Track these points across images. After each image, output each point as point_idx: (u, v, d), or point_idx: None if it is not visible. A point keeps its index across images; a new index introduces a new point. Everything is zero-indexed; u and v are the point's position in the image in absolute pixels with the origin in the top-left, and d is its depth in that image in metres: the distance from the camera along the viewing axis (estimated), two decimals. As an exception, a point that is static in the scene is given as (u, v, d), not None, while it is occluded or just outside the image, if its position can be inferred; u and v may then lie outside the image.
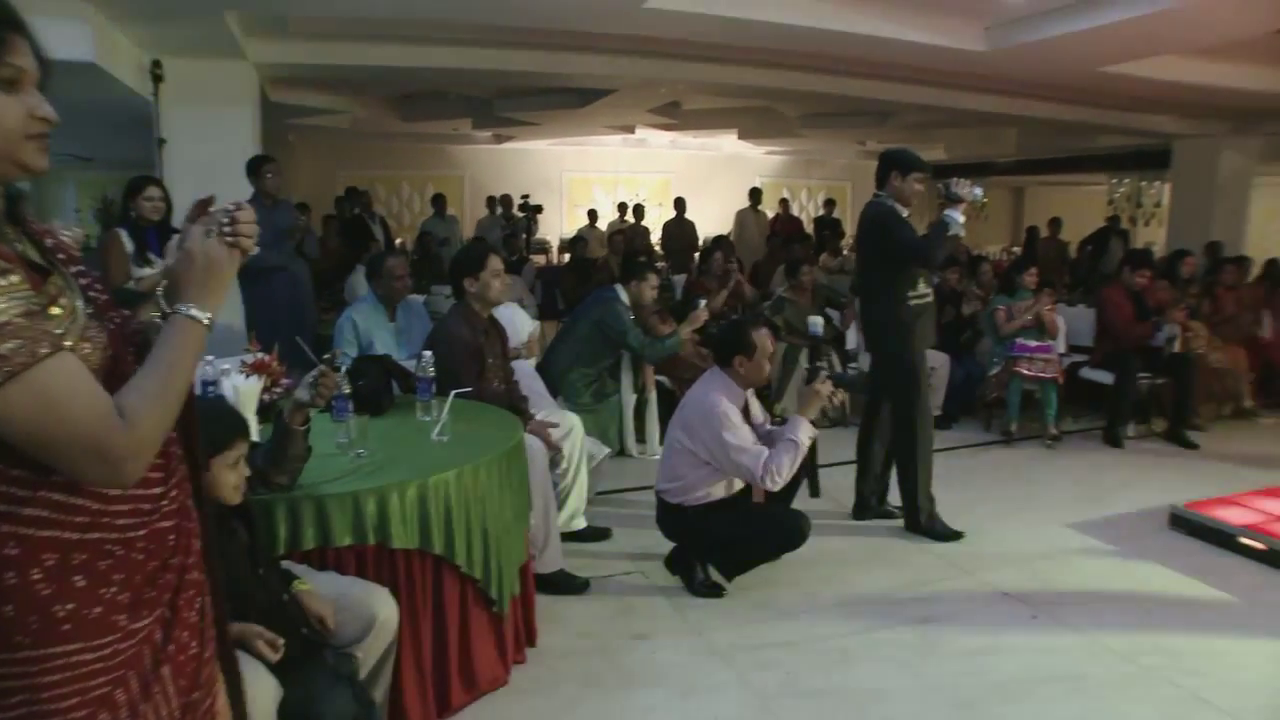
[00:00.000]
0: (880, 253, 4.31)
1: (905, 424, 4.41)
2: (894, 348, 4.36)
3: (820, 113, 12.04)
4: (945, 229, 4.12)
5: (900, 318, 4.28)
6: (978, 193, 4.16)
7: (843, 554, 4.18)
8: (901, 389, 4.39)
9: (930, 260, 4.34)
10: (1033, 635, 3.43)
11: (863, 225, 4.43)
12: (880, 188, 4.34)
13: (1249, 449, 6.25)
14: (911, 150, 4.40)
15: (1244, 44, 6.79)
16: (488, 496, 2.72)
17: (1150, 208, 14.18)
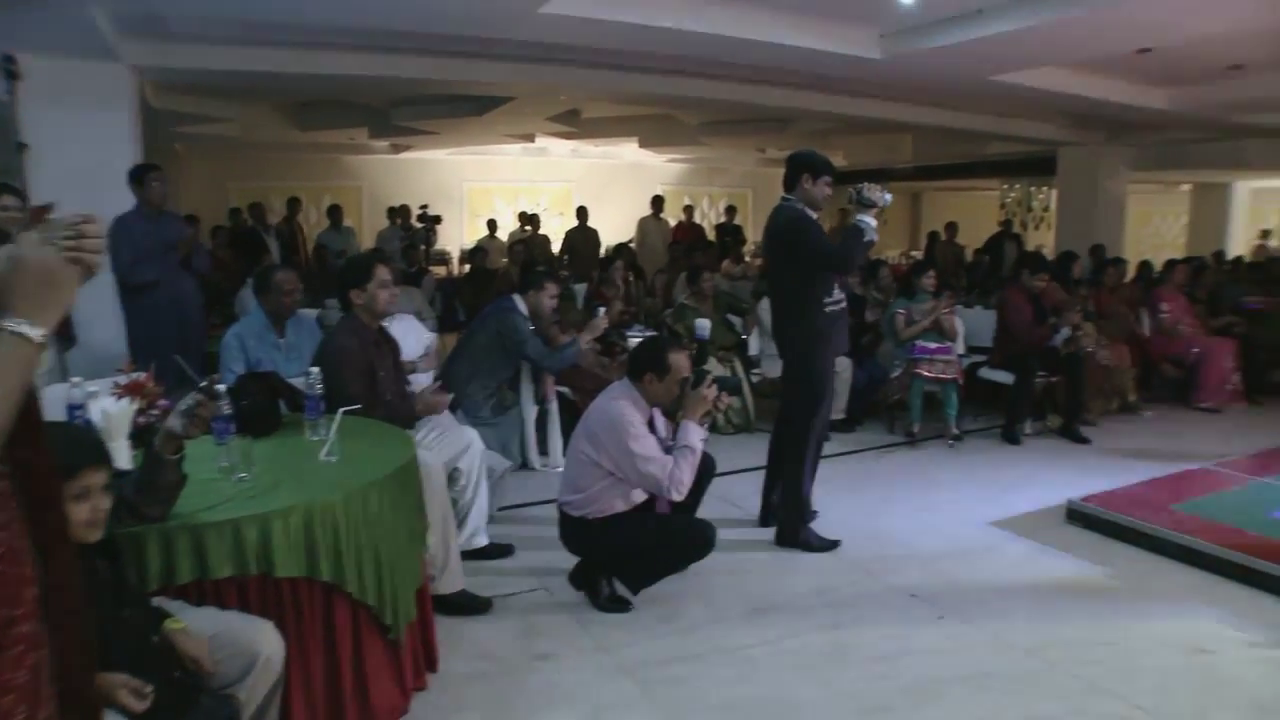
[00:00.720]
0: (793, 258, 4.19)
1: (798, 435, 4.34)
2: (805, 356, 4.27)
3: (720, 120, 12.15)
4: (860, 234, 4.01)
5: (815, 325, 4.20)
6: (888, 198, 4.11)
7: (750, 563, 4.14)
8: (803, 399, 4.31)
9: (848, 267, 4.29)
10: (940, 636, 3.44)
11: (773, 230, 4.31)
12: (789, 191, 4.24)
13: (1136, 442, 6.48)
14: (821, 153, 4.29)
15: (1113, 60, 7.10)
16: (380, 518, 2.58)
17: (1040, 212, 14.72)
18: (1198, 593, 3.90)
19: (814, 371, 4.26)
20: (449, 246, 14.59)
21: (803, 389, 4.31)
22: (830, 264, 4.15)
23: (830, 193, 4.24)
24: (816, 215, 4.24)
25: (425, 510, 3.04)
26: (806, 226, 4.14)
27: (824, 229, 4.33)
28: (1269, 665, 3.27)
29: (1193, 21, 5.69)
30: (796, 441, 4.35)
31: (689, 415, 3.47)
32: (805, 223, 4.15)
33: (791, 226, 4.15)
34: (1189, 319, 8.02)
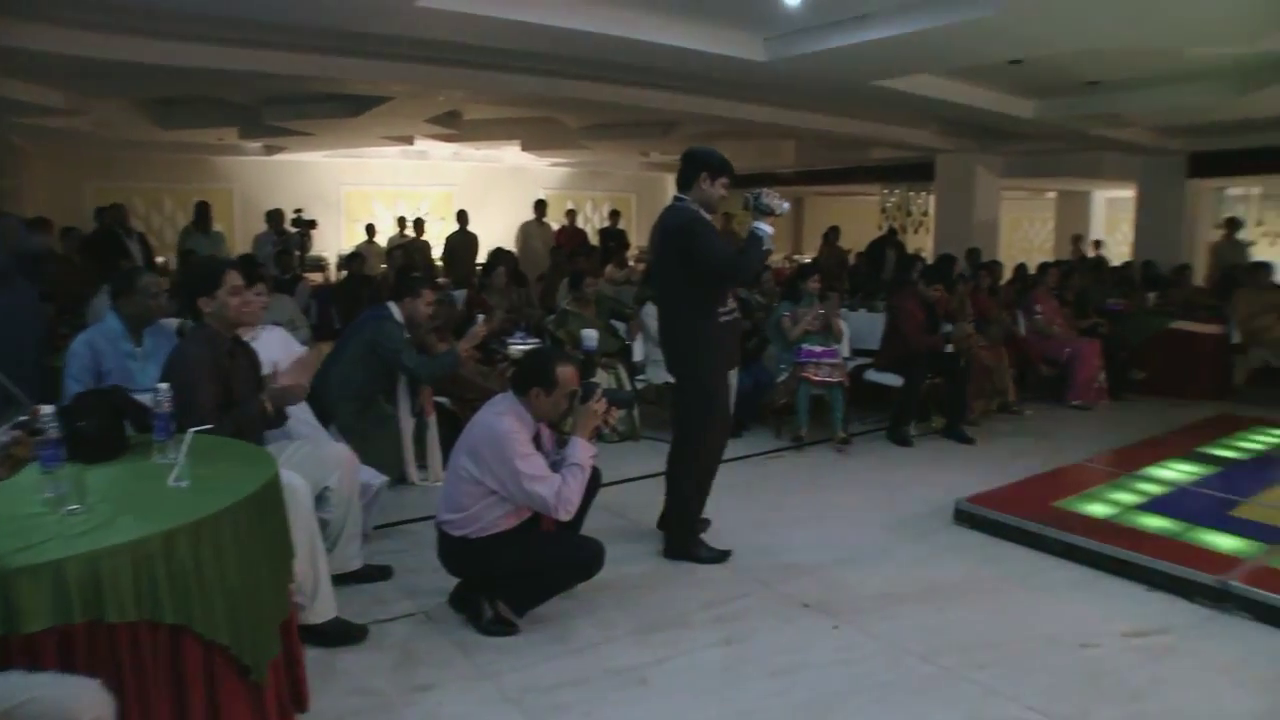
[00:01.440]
0: (687, 263, 3.89)
1: (687, 447, 4.16)
2: (695, 366, 4.06)
3: (603, 123, 12.04)
4: (760, 243, 3.83)
5: (707, 334, 3.98)
6: (785, 206, 3.97)
7: (640, 578, 3.99)
8: (693, 411, 4.12)
9: (745, 277, 4.13)
10: (836, 646, 3.37)
11: (665, 231, 4.00)
12: (684, 190, 3.97)
13: (1016, 441, 6.65)
14: (720, 152, 4.01)
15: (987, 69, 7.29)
16: (236, 547, 2.33)
17: (919, 216, 15.10)
18: (1080, 588, 3.98)
19: (706, 385, 4.07)
20: (326, 252, 14.08)
21: (693, 403, 4.11)
22: (726, 273, 3.93)
23: (726, 194, 4.02)
24: (711, 217, 4.03)
25: (291, 535, 2.79)
26: (702, 230, 3.89)
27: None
28: (1142, 654, 3.36)
29: (1058, 36, 5.85)
30: (686, 456, 4.18)
31: (579, 431, 3.32)
32: (700, 225, 3.90)
33: (685, 229, 3.88)
34: (1060, 320, 8.30)
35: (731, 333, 4.16)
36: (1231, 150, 10.79)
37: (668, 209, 4.07)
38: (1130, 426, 6.98)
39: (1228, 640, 3.49)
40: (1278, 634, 3.53)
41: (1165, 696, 3.06)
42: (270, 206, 11.13)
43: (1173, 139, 10.74)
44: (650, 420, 6.62)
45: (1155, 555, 4.04)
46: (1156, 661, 3.31)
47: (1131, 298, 9.71)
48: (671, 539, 4.23)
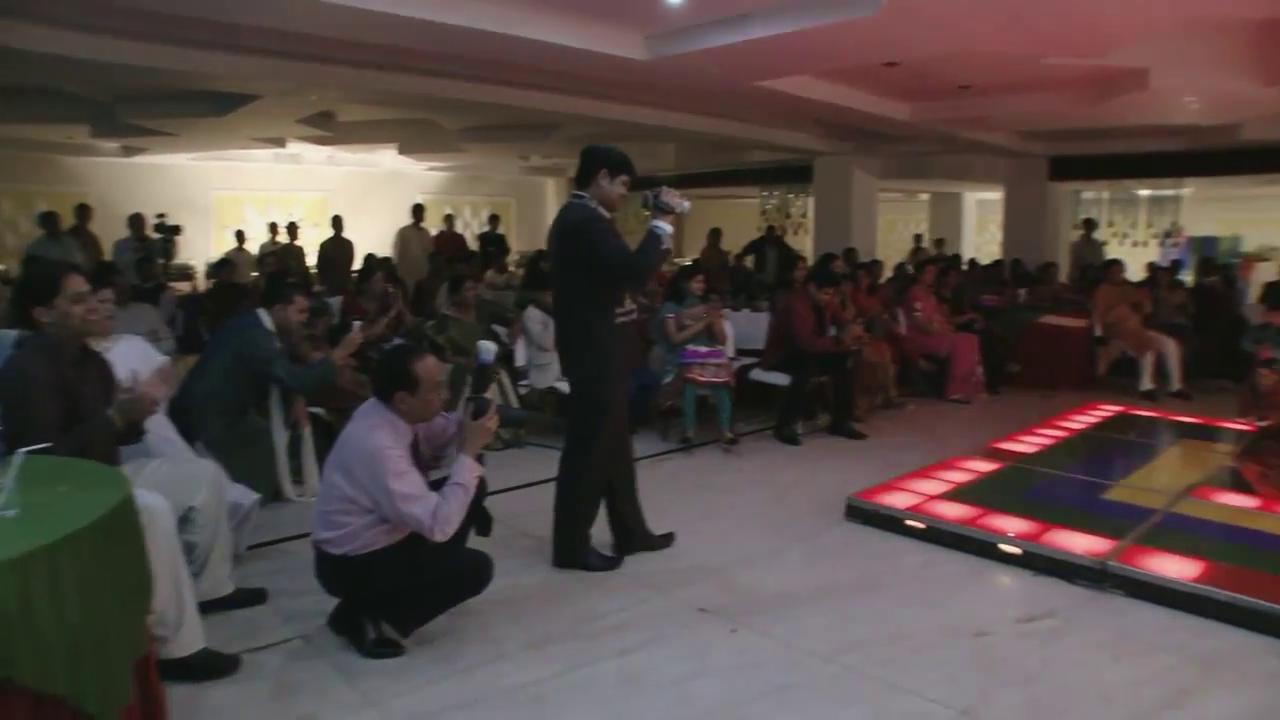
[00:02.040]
0: (584, 262, 3.79)
1: (577, 451, 4.02)
2: (593, 371, 3.91)
3: (482, 126, 11.83)
4: (659, 242, 3.74)
5: (605, 337, 3.86)
6: (686, 205, 3.88)
7: (531, 590, 3.83)
8: (587, 414, 3.98)
9: (643, 277, 4.02)
10: (736, 651, 3.29)
11: (562, 229, 3.88)
12: (582, 187, 3.86)
13: (901, 436, 6.75)
14: (621, 149, 3.90)
15: (865, 72, 7.42)
16: (76, 582, 2.07)
17: (798, 218, 15.35)
18: (971, 577, 4.03)
19: (601, 388, 3.94)
20: (194, 260, 13.37)
21: (588, 405, 3.98)
22: (624, 272, 3.81)
23: (626, 193, 3.91)
24: (610, 216, 3.91)
25: (148, 562, 2.53)
26: (600, 228, 3.78)
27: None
28: (1033, 638, 3.41)
29: (933, 40, 5.98)
30: (578, 461, 4.04)
31: (467, 448, 3.16)
32: (599, 224, 3.79)
33: (583, 227, 3.78)
34: (939, 317, 8.52)
35: (630, 334, 4.06)
36: (1086, 156, 11.34)
37: (565, 207, 3.95)
38: (1008, 417, 7.19)
39: (1107, 618, 3.59)
40: (1150, 608, 3.67)
41: (1056, 677, 3.10)
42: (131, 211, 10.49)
43: (1035, 144, 11.20)
44: (535, 426, 6.47)
45: (1039, 541, 4.13)
46: (1046, 644, 3.36)
47: (1004, 294, 10.08)
48: (560, 547, 4.08)
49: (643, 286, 4.30)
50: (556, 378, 6.33)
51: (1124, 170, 11.63)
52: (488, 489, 3.47)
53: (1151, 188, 12.95)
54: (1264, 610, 3.48)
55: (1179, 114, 8.41)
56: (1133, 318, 8.73)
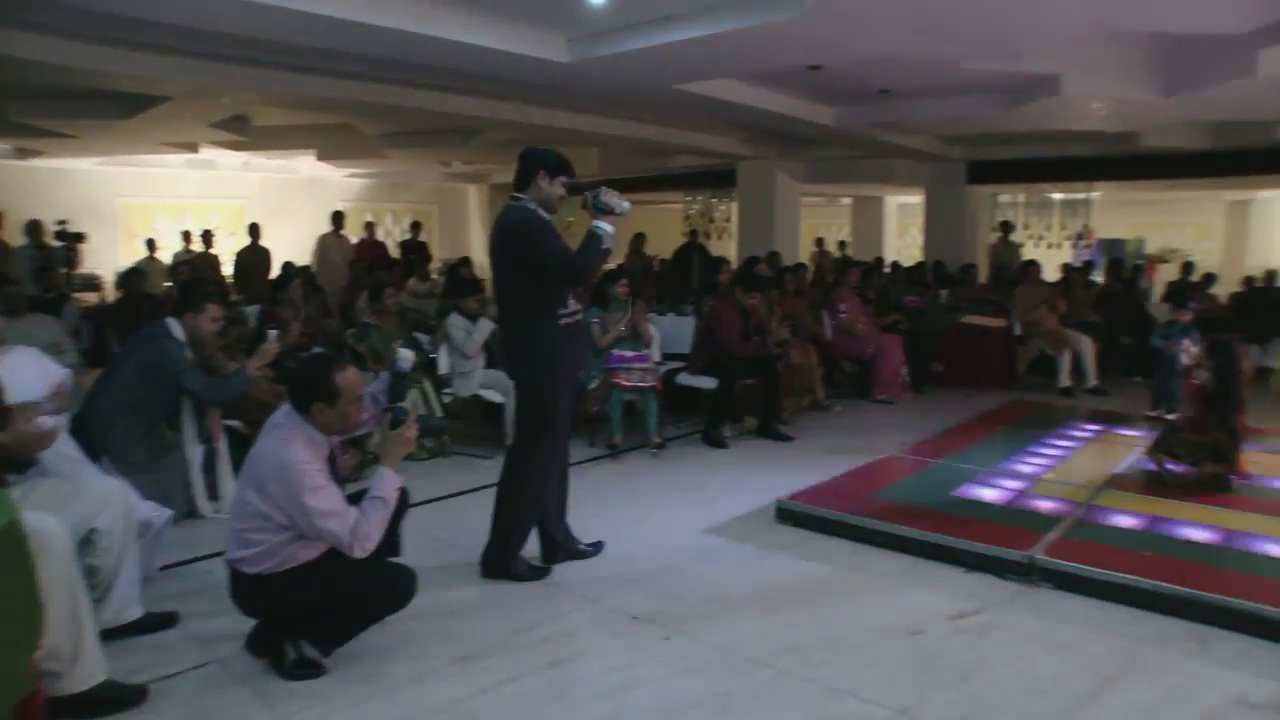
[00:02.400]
0: (525, 265, 3.75)
1: (521, 454, 3.93)
2: (537, 374, 3.85)
3: (403, 131, 11.64)
4: (599, 242, 3.71)
5: (548, 337, 3.81)
6: (625, 205, 3.84)
7: (458, 603, 3.71)
8: (531, 417, 3.91)
9: (585, 277, 3.97)
10: (669, 659, 3.22)
11: (502, 232, 3.81)
12: (521, 190, 3.81)
13: (829, 437, 6.78)
14: (559, 150, 3.88)
15: (788, 75, 7.47)
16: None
17: (721, 223, 15.43)
18: (904, 576, 4.03)
19: (546, 391, 3.87)
20: (100, 270, 12.84)
21: (534, 407, 3.90)
22: (565, 273, 3.77)
23: (565, 194, 3.87)
24: (550, 218, 3.86)
25: (38, 591, 2.36)
26: (540, 229, 3.74)
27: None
28: (967, 634, 3.43)
29: (855, 43, 6.02)
30: (519, 466, 3.94)
31: (386, 460, 3.04)
32: (538, 225, 3.75)
33: (523, 229, 3.74)
34: (864, 318, 8.61)
35: (574, 335, 3.99)
36: (1003, 160, 11.62)
37: (505, 209, 3.87)
38: (933, 417, 7.29)
39: (1036, 612, 3.63)
40: (1076, 599, 3.73)
41: (990, 673, 3.12)
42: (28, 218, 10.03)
43: (954, 148, 11.44)
44: (459, 435, 6.33)
45: (969, 538, 4.17)
46: (980, 640, 3.37)
47: (926, 295, 10.25)
48: (490, 556, 3.98)
49: (585, 287, 4.26)
50: (481, 385, 6.22)
51: (1038, 174, 11.96)
52: (410, 501, 3.35)
53: (1064, 191, 13.35)
54: (1182, 596, 3.58)
55: (1087, 120, 8.65)
56: (1050, 317, 8.95)
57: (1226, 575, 3.80)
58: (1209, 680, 3.09)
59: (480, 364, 6.27)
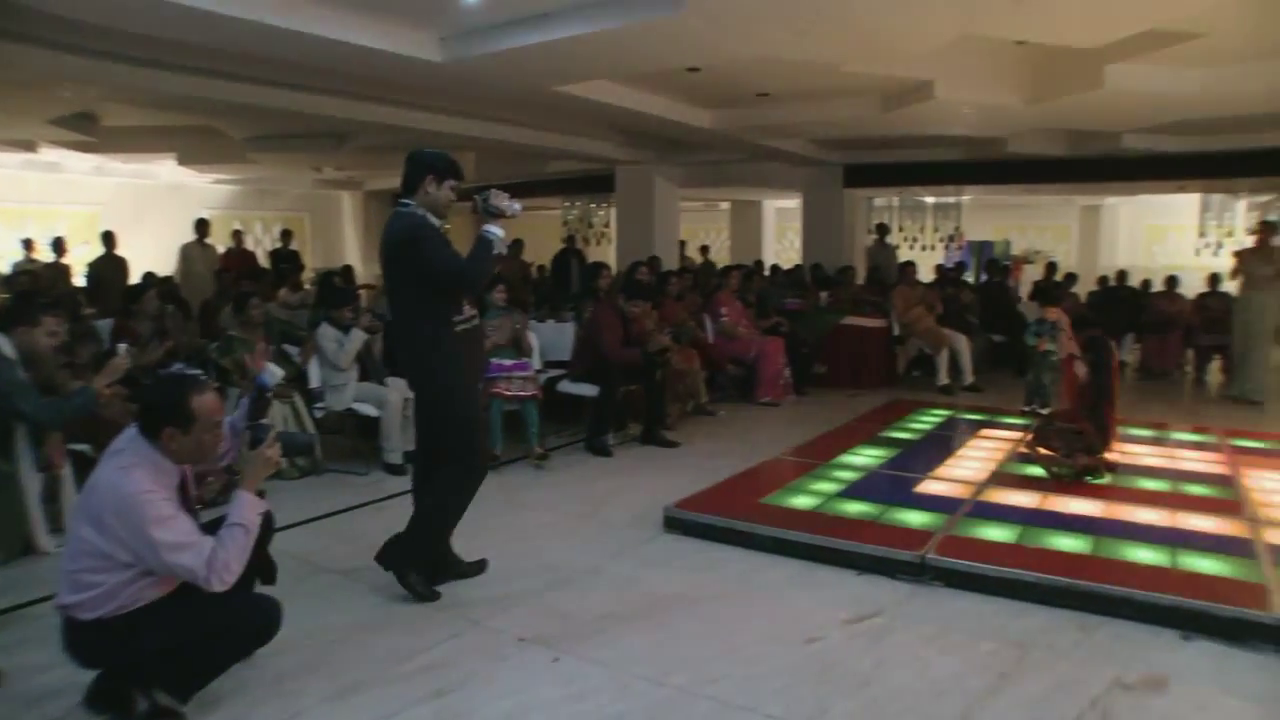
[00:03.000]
0: (417, 273, 3.60)
1: (453, 470, 3.74)
2: (441, 385, 3.70)
3: (270, 135, 11.11)
4: (490, 247, 3.59)
5: (447, 345, 3.66)
6: (517, 207, 3.70)
7: (331, 633, 3.45)
8: (453, 433, 3.72)
9: (477, 284, 3.80)
10: (560, 682, 3.06)
11: (391, 240, 3.67)
12: (408, 195, 3.66)
13: (713, 442, 6.74)
14: (447, 153, 3.75)
15: (667, 77, 7.41)
16: None
17: (600, 228, 15.34)
18: (796, 582, 3.98)
19: (456, 400, 3.70)
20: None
21: (449, 422, 3.72)
22: (457, 280, 3.64)
23: (455, 198, 3.71)
24: (440, 223, 3.69)
25: None
26: (430, 237, 3.59)
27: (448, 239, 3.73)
28: (863, 639, 3.39)
29: (734, 44, 5.99)
30: (455, 476, 3.75)
31: (246, 482, 2.77)
32: (426, 231, 3.60)
33: (412, 236, 3.58)
34: (745, 322, 8.63)
35: (473, 341, 3.83)
36: (878, 164, 11.89)
37: (393, 216, 3.69)
38: (817, 418, 7.33)
39: (930, 611, 3.63)
40: (968, 596, 3.75)
41: (888, 678, 3.07)
42: None
43: (831, 152, 11.61)
44: (333, 451, 6.02)
45: (859, 540, 4.15)
46: (876, 645, 3.33)
47: (806, 298, 10.38)
48: (389, 551, 3.77)
49: (479, 294, 4.09)
50: (355, 399, 5.93)
51: (912, 178, 12.27)
52: (275, 525, 3.09)
53: (936, 195, 13.76)
54: (1064, 587, 3.66)
55: (958, 125, 8.89)
56: (927, 317, 9.16)
57: (1102, 563, 3.89)
58: (1093, 667, 3.14)
59: (354, 377, 5.97)
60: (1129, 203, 17.44)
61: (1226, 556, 3.96)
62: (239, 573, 2.66)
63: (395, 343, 3.86)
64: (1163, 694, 2.98)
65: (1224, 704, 2.95)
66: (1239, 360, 8.80)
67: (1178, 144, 9.66)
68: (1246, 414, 7.95)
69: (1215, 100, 7.41)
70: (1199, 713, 2.89)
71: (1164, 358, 10.30)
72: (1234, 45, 6.30)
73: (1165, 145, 9.64)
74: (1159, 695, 2.98)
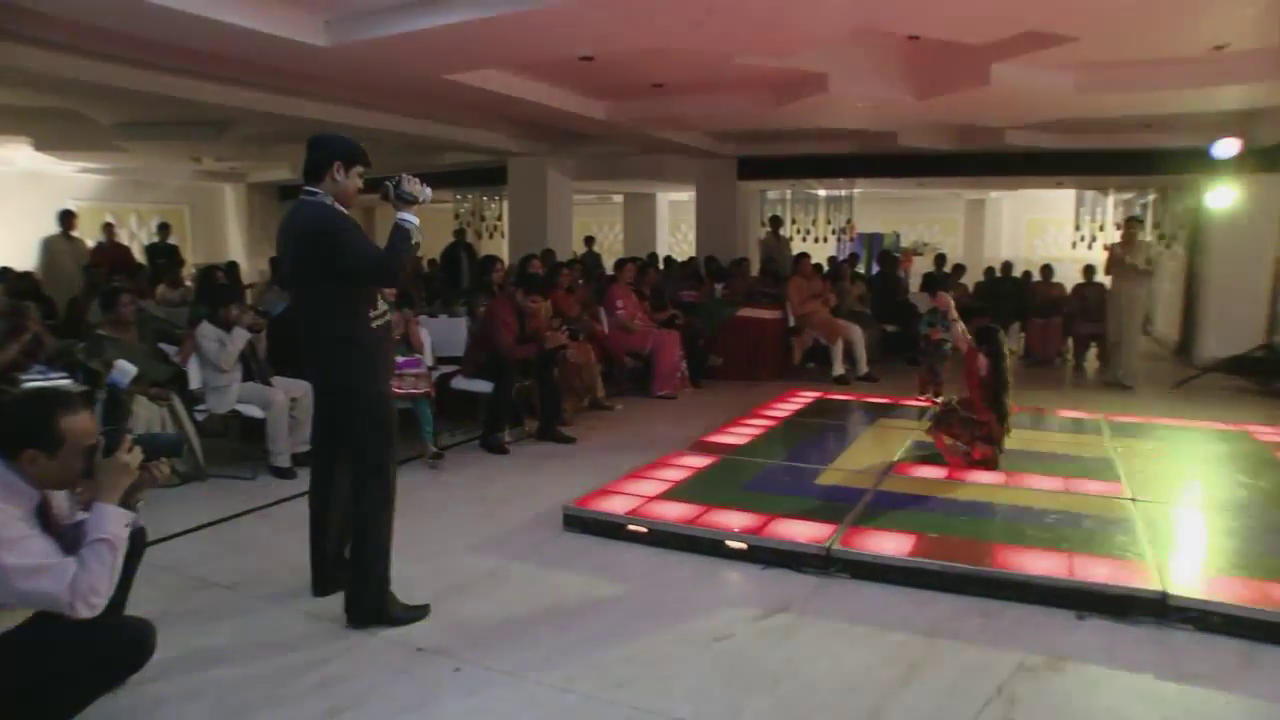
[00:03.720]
0: (330, 267, 3.33)
1: (371, 478, 3.47)
2: (358, 384, 3.44)
3: (143, 122, 10.47)
4: (407, 236, 3.35)
5: (362, 342, 3.42)
6: (428, 192, 3.46)
7: (213, 652, 3.21)
8: (365, 432, 3.45)
9: (395, 275, 3.53)
10: (463, 693, 2.92)
11: (298, 230, 3.42)
12: (314, 183, 3.40)
13: (612, 436, 6.68)
14: (354, 139, 3.52)
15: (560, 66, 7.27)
16: None
17: (493, 221, 15.08)
18: (701, 578, 3.92)
19: (371, 401, 3.45)
20: None
21: (370, 424, 3.46)
22: (376, 273, 3.41)
23: (363, 185, 3.47)
24: (347, 212, 3.45)
25: None
26: (344, 228, 3.35)
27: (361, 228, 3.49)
28: (771, 635, 3.35)
29: (628, 33, 5.89)
30: (378, 487, 3.48)
31: (103, 493, 2.46)
32: (342, 222, 3.36)
33: (324, 227, 3.33)
34: (641, 314, 8.57)
35: (387, 338, 3.62)
36: (771, 157, 12.00)
37: (300, 206, 3.43)
38: (714, 411, 7.32)
39: (837, 604, 3.62)
40: (874, 587, 3.76)
41: (800, 674, 3.04)
42: None
43: (725, 144, 11.66)
44: (217, 455, 5.68)
45: (763, 534, 4.12)
46: (786, 640, 3.30)
47: (701, 290, 10.40)
48: (359, 602, 3.45)
49: (397, 286, 3.87)
50: (239, 400, 5.62)
51: (804, 171, 12.43)
52: (146, 540, 2.84)
53: (828, 188, 14.00)
54: (966, 574, 3.71)
55: (851, 118, 9.01)
56: (822, 308, 9.28)
57: (1001, 549, 3.95)
58: (998, 653, 3.18)
59: (237, 377, 5.65)
60: (1011, 197, 18.11)
61: (1112, 536, 4.10)
62: (109, 594, 2.39)
63: (302, 341, 3.58)
64: (1062, 673, 3.04)
65: (1116, 678, 3.03)
66: (1113, 348, 9.22)
67: (1055, 141, 10.05)
68: (1121, 398, 8.31)
69: (1089, 101, 7.69)
70: (1094, 688, 2.96)
71: (1046, 345, 10.71)
72: (1105, 51, 6.57)
73: (1044, 143, 10.01)
74: (1059, 675, 3.03)
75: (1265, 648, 3.20)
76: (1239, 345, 9.44)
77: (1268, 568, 3.77)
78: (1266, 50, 6.49)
